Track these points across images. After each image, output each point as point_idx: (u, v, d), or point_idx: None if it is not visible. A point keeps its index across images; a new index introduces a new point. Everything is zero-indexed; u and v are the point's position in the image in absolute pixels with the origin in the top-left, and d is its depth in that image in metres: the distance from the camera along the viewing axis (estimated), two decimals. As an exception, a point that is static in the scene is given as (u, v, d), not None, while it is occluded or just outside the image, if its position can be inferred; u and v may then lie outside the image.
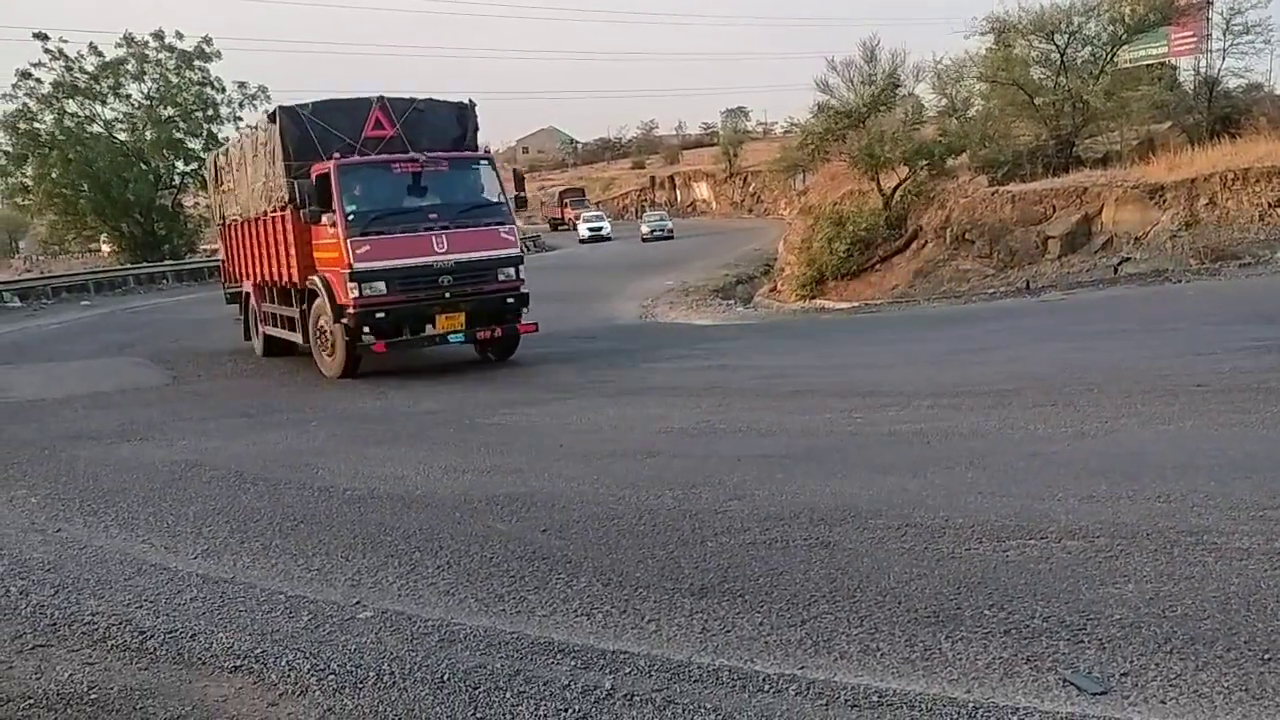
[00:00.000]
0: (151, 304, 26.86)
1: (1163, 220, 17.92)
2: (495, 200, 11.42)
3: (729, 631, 3.66)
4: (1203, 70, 25.11)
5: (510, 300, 11.40)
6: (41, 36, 35.03)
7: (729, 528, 4.85)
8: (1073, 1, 23.78)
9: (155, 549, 5.28)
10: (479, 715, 3.18)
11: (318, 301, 11.31)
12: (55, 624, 4.27)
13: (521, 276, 11.49)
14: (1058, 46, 23.71)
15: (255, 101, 38.19)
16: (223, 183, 14.90)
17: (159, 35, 36.49)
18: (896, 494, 5.14)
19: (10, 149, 36.18)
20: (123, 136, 37.67)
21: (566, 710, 3.16)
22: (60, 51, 35.40)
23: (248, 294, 14.44)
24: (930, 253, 22.04)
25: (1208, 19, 24.52)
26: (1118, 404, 6.73)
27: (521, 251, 11.76)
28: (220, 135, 38.13)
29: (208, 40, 37.20)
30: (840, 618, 3.68)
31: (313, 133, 11.18)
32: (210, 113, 38.31)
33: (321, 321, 11.36)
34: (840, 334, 14.38)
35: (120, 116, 37.65)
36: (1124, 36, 24.15)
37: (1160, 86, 24.63)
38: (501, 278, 11.28)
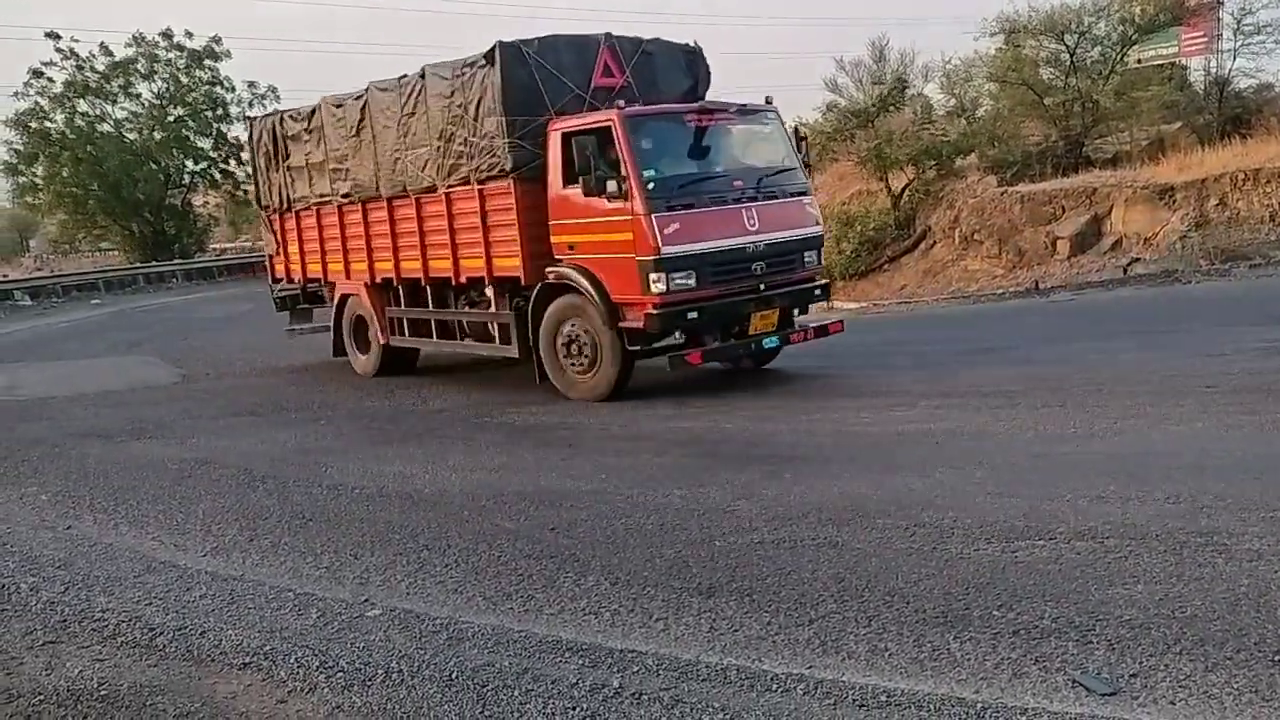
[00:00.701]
0: (160, 303, 26.98)
1: (1173, 221, 17.81)
2: (792, 165, 9.31)
3: (737, 630, 3.66)
4: (1213, 70, 25.02)
5: (818, 293, 9.37)
6: (53, 36, 35.24)
7: (737, 527, 4.86)
8: (1083, 2, 23.71)
9: (165, 546, 5.32)
10: (487, 713, 3.19)
11: (562, 301, 8.70)
12: (65, 620, 4.30)
13: (822, 262, 9.45)
14: (1067, 47, 23.59)
15: (264, 101, 38.39)
16: (290, 156, 11.75)
17: (168, 34, 36.66)
18: (904, 494, 5.13)
19: (21, 148, 36.40)
20: (132, 136, 37.83)
21: (574, 708, 3.16)
22: (72, 51, 35.62)
23: (345, 296, 11.50)
24: (939, 253, 21.95)
25: (1218, 19, 24.40)
26: (1126, 405, 6.70)
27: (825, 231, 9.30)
28: (230, 135, 38.36)
29: (217, 39, 37.38)
30: (848, 617, 3.68)
31: (539, 78, 8.76)
32: (220, 112, 38.50)
33: (572, 327, 8.67)
34: (847, 333, 14.30)
35: (130, 116, 37.87)
36: (1134, 37, 24.01)
37: (1170, 87, 24.49)
38: (807, 263, 9.09)
